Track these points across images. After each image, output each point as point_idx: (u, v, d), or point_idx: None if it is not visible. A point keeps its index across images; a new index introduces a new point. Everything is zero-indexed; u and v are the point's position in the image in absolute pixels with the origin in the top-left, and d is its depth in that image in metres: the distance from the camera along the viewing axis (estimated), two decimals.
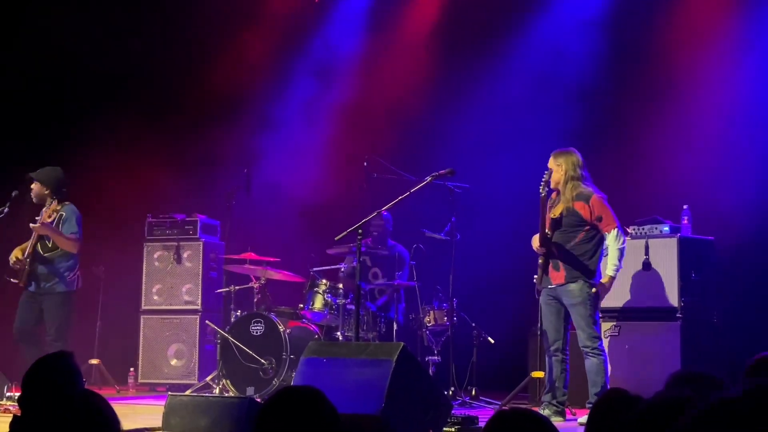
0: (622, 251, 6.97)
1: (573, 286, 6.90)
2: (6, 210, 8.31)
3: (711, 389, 2.56)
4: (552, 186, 7.05)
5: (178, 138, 10.81)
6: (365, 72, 10.77)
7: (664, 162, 9.02)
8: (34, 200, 8.31)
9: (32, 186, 8.30)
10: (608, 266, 6.94)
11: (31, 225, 8.11)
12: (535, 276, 7.22)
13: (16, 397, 6.97)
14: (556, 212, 6.94)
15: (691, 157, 8.96)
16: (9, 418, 3.27)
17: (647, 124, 9.09)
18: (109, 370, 9.76)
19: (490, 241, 9.13)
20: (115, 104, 10.76)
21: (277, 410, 2.35)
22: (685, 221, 8.08)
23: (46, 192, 8.24)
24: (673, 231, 8.00)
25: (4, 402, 7.49)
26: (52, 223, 8.15)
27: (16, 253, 8.25)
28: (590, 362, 6.87)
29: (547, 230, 6.95)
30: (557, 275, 6.97)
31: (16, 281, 8.22)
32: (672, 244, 7.91)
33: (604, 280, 6.96)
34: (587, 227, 6.92)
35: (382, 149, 9.24)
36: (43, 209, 8.21)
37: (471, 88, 10.14)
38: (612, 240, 6.92)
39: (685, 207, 8.14)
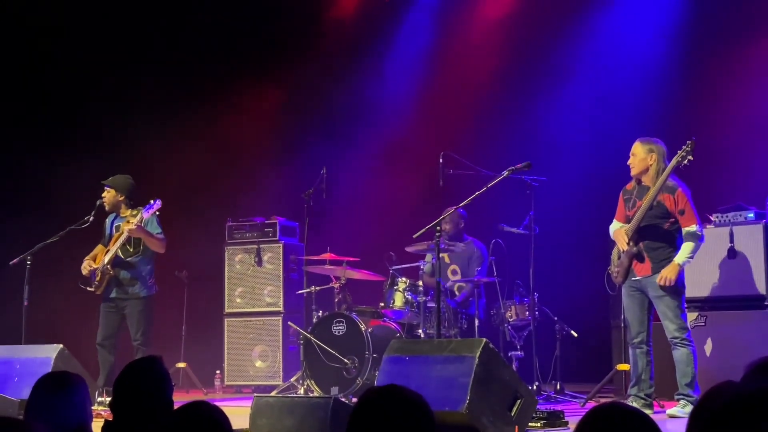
0: (697, 247, 6.82)
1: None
2: (92, 219, 8.40)
3: None
4: (635, 173, 6.94)
5: (256, 141, 10.93)
6: (439, 68, 10.75)
7: (747, 147, 8.82)
8: (106, 207, 8.38)
9: (104, 194, 8.37)
10: (681, 254, 6.77)
11: (124, 227, 8.11)
12: (609, 268, 7.12)
13: (107, 402, 7.11)
14: (645, 203, 6.79)
15: None
16: (100, 423, 3.34)
17: (728, 110, 8.90)
18: (195, 373, 9.91)
19: (569, 233, 9.04)
20: (188, 117, 10.92)
21: (375, 410, 2.38)
22: None
23: (121, 198, 8.36)
24: (758, 217, 7.82)
25: (95, 407, 7.63)
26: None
27: (88, 262, 8.30)
28: (680, 353, 6.75)
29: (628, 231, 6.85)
30: (642, 267, 6.86)
31: (91, 290, 8.24)
32: (758, 230, 7.74)
33: (676, 262, 6.79)
34: (672, 219, 6.80)
35: (457, 145, 9.21)
36: (115, 216, 8.32)
37: (545, 80, 10.05)
38: (690, 235, 6.77)
39: None
